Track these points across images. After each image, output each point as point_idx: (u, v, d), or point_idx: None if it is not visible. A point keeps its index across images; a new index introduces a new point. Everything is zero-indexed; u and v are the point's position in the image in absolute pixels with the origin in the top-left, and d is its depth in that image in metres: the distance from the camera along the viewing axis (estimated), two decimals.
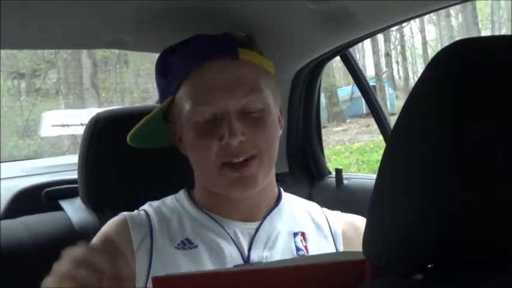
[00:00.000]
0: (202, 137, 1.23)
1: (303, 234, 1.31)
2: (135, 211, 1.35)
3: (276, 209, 1.33)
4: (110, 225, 1.31)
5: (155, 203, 1.36)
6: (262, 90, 1.26)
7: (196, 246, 1.24)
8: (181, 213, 1.31)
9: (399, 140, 0.72)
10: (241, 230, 1.28)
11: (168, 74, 1.31)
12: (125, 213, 1.32)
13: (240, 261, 1.23)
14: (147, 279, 1.21)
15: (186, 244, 1.25)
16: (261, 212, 1.32)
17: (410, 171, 0.67)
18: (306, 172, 2.20)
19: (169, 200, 1.37)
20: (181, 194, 1.37)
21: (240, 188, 1.24)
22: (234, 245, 1.25)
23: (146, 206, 1.36)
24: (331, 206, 1.45)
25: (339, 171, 2.08)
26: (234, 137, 1.19)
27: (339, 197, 2.03)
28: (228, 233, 1.27)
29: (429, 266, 0.72)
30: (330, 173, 2.23)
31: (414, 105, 0.70)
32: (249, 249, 1.25)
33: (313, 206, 1.42)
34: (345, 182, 2.07)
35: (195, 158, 1.30)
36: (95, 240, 1.26)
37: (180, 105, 1.27)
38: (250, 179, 1.23)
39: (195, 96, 1.24)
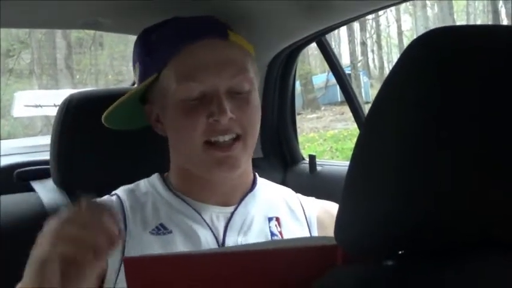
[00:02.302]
0: (189, 114, 1.22)
1: (277, 219, 1.31)
2: (107, 196, 1.33)
3: (251, 194, 1.33)
4: None
5: (128, 187, 1.35)
6: (249, 70, 1.26)
7: (170, 232, 1.23)
8: (155, 198, 1.30)
9: (373, 127, 0.72)
10: (217, 215, 1.28)
11: (152, 51, 1.29)
12: (96, 199, 1.28)
13: (215, 246, 1.23)
14: (120, 266, 1.19)
15: (161, 229, 1.24)
16: (236, 196, 1.32)
17: (383, 159, 0.68)
18: (280, 158, 2.21)
19: (142, 184, 1.35)
20: (155, 178, 1.35)
21: (224, 169, 1.23)
22: (210, 230, 1.24)
23: (119, 191, 1.34)
24: (305, 191, 1.45)
25: (312, 158, 2.09)
26: (224, 114, 1.18)
27: (312, 183, 2.04)
28: (203, 218, 1.26)
29: (400, 252, 0.73)
30: (304, 159, 2.23)
31: (388, 92, 0.70)
32: (224, 234, 1.25)
33: (288, 192, 1.42)
34: (318, 168, 2.07)
35: (178, 136, 1.28)
36: None
37: (165, 83, 1.25)
38: (235, 159, 1.23)
39: (184, 73, 1.23)
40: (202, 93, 1.22)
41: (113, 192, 1.34)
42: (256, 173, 1.39)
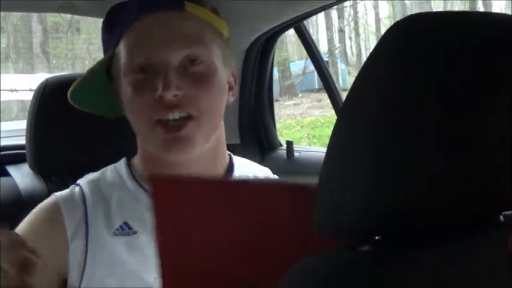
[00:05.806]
0: (138, 90, 1.14)
1: None
2: (67, 190, 1.24)
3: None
4: (39, 210, 1.20)
5: (93, 177, 1.27)
6: (207, 45, 1.17)
7: (135, 233, 1.17)
8: (120, 190, 1.22)
9: (350, 112, 0.72)
10: None
11: (109, 29, 1.23)
12: (56, 195, 1.22)
13: None
14: (83, 271, 1.14)
15: (125, 229, 1.17)
16: None
17: (360, 144, 0.68)
18: (257, 144, 2.21)
19: (109, 172, 1.28)
20: (122, 165, 1.28)
21: (173, 151, 1.15)
22: None
23: (83, 182, 1.25)
24: (282, 177, 1.45)
25: (289, 144, 2.10)
26: (168, 89, 1.10)
27: (289, 169, 2.04)
28: None
29: (376, 238, 0.73)
30: (281, 145, 2.24)
31: (367, 78, 0.70)
32: None
33: (265, 172, 1.40)
34: (296, 154, 2.08)
35: (130, 114, 1.19)
36: (22, 226, 1.16)
37: (119, 60, 1.19)
38: (185, 140, 1.14)
39: (134, 48, 1.16)
40: (152, 67, 1.14)
41: (78, 182, 1.26)
42: (232, 156, 1.33)
